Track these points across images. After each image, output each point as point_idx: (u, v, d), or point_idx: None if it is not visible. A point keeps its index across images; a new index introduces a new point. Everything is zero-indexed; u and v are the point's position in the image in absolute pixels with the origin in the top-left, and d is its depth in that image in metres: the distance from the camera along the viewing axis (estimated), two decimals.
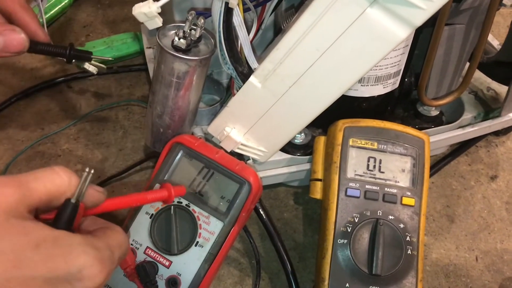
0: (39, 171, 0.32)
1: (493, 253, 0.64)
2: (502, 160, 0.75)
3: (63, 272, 0.29)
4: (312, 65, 0.46)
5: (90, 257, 0.30)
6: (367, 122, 0.58)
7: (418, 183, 0.56)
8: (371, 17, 0.41)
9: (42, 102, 0.79)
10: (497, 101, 0.69)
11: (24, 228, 0.29)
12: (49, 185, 0.32)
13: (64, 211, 0.32)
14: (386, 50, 0.44)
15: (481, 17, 0.57)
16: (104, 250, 0.32)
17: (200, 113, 0.62)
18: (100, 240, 0.33)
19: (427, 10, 0.39)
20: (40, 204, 0.31)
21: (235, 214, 0.52)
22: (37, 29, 0.53)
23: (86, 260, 0.30)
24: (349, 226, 0.54)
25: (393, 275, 0.52)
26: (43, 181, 0.32)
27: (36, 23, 0.53)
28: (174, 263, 0.52)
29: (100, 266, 0.31)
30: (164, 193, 0.45)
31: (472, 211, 0.68)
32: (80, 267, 0.30)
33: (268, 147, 0.56)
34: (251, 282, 0.61)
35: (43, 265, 0.29)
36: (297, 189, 0.70)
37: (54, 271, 0.29)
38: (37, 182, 0.31)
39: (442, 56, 0.61)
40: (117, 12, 0.96)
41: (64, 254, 0.29)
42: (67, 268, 0.29)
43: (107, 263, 0.31)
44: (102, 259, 0.31)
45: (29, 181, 0.31)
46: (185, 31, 0.51)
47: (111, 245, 0.33)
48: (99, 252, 0.31)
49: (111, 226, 0.36)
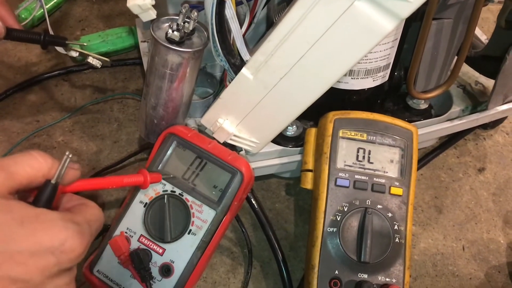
0: (18, 156, 0.34)
1: (479, 243, 0.66)
2: (489, 153, 0.76)
3: (47, 245, 0.31)
4: (302, 56, 0.48)
5: (71, 231, 0.33)
6: (356, 114, 0.59)
7: (406, 173, 0.57)
8: (359, 9, 0.42)
9: (37, 95, 0.80)
10: (485, 95, 0.70)
11: (9, 206, 0.32)
12: (28, 169, 0.34)
13: (44, 191, 0.34)
14: (374, 42, 0.45)
15: (468, 11, 0.59)
16: (83, 224, 0.34)
17: (193, 105, 0.63)
18: (78, 215, 0.35)
19: (413, 2, 0.41)
20: (21, 186, 0.34)
21: (227, 203, 0.53)
22: (14, 24, 0.57)
23: (67, 234, 0.32)
24: (338, 215, 0.55)
25: (381, 263, 0.54)
26: (22, 165, 0.34)
27: (13, 18, 0.57)
28: (168, 250, 0.53)
29: (80, 239, 0.33)
30: (140, 178, 0.48)
31: (460, 202, 0.70)
32: (62, 240, 0.32)
33: (260, 138, 0.58)
34: (243, 270, 0.62)
35: (28, 239, 0.31)
36: (289, 180, 0.71)
37: (38, 245, 0.31)
38: (17, 166, 0.34)
39: (430, 50, 0.62)
40: (112, 7, 0.97)
41: (46, 229, 0.32)
42: (50, 242, 0.32)
43: (86, 236, 0.34)
44: (81, 233, 0.33)
45: (10, 165, 0.33)
46: (178, 24, 0.52)
47: (89, 219, 0.36)
48: (78, 226, 0.34)
49: (86, 202, 0.38)
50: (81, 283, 0.59)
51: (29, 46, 0.88)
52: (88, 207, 0.37)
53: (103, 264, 0.53)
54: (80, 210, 0.36)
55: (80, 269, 0.54)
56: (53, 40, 0.60)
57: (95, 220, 0.36)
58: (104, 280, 0.53)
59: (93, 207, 0.37)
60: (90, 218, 0.36)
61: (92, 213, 0.37)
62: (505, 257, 0.64)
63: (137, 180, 0.48)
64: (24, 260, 0.31)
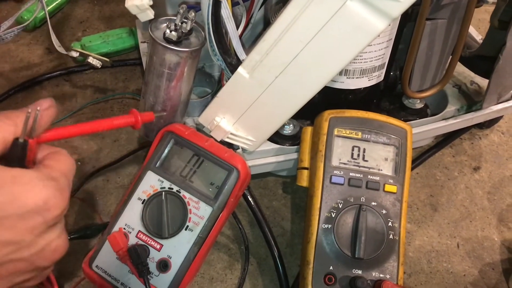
0: None
1: (474, 240, 0.67)
2: (485, 152, 0.77)
3: (32, 206, 0.32)
4: (297, 55, 0.49)
5: (51, 189, 0.33)
6: (351, 113, 0.60)
7: (400, 171, 0.58)
8: (351, 9, 0.44)
9: (39, 94, 0.82)
10: (480, 95, 0.71)
11: None
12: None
13: (14, 150, 0.34)
14: (366, 41, 0.46)
15: (462, 12, 0.59)
16: (60, 178, 0.35)
17: (192, 105, 0.65)
18: (54, 169, 0.35)
19: (403, 2, 0.42)
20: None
21: (224, 199, 0.54)
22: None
23: (48, 192, 0.33)
24: (333, 212, 0.56)
25: (376, 259, 0.55)
26: None
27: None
28: (165, 246, 0.54)
29: (61, 194, 0.34)
30: (131, 119, 0.47)
31: (455, 201, 0.71)
32: (45, 199, 0.33)
33: (257, 136, 0.59)
34: (240, 266, 0.63)
35: (11, 204, 0.32)
36: (286, 178, 0.72)
37: (23, 208, 0.32)
38: None
39: (425, 50, 0.63)
40: (113, 8, 0.98)
41: (28, 191, 0.33)
42: (33, 203, 0.32)
43: (66, 189, 0.35)
44: (61, 188, 0.34)
45: None
46: (176, 24, 0.53)
47: (64, 171, 0.36)
48: (57, 182, 0.34)
49: (58, 150, 0.38)
50: (80, 279, 0.60)
51: (31, 47, 0.89)
52: (61, 155, 0.37)
53: (101, 260, 0.54)
54: (55, 162, 0.36)
55: (79, 264, 0.55)
56: None
57: (69, 170, 0.37)
58: (102, 275, 0.54)
59: (65, 155, 0.38)
60: (65, 169, 0.36)
61: (66, 162, 0.37)
62: (499, 255, 0.65)
63: (128, 120, 0.46)
64: (13, 224, 0.32)
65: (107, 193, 0.69)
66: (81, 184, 0.69)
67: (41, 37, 0.92)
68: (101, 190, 0.69)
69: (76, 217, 0.66)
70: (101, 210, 0.67)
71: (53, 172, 0.35)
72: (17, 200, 0.32)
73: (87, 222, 0.66)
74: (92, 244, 0.55)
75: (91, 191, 0.69)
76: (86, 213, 0.67)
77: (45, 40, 0.91)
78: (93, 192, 0.69)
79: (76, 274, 0.61)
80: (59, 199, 0.34)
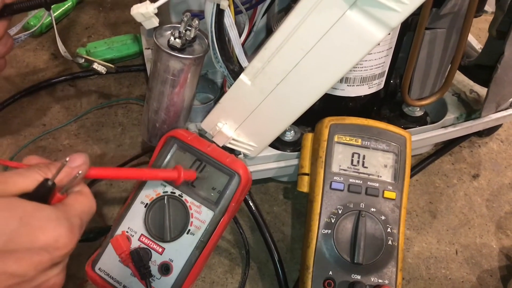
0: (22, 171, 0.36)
1: (472, 247, 0.67)
2: (484, 160, 0.78)
3: (42, 243, 0.34)
4: (298, 63, 0.50)
5: (64, 228, 0.35)
6: (351, 120, 0.61)
7: (400, 178, 0.59)
8: (350, 19, 0.45)
9: (44, 99, 0.83)
10: (479, 103, 0.72)
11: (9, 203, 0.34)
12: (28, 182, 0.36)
13: (40, 189, 0.36)
14: (366, 50, 0.47)
15: (461, 22, 0.61)
16: (75, 218, 0.37)
17: (194, 110, 0.66)
18: (71, 209, 0.37)
19: (401, 12, 0.43)
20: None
21: (225, 204, 0.55)
22: None
23: (61, 231, 0.35)
24: (333, 217, 0.57)
25: (374, 264, 0.55)
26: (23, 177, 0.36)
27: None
28: (167, 249, 0.54)
29: (72, 234, 0.35)
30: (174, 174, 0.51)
31: (454, 208, 0.71)
32: (56, 237, 0.34)
33: (258, 142, 0.60)
34: (241, 271, 0.64)
35: (25, 237, 0.33)
36: (287, 184, 0.73)
37: (34, 243, 0.33)
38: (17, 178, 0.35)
39: (424, 59, 0.64)
40: (118, 15, 1.00)
41: (42, 227, 0.34)
42: (45, 240, 0.34)
43: (77, 230, 0.36)
44: (73, 228, 0.36)
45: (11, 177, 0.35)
46: (180, 32, 0.54)
47: (80, 212, 0.38)
48: (71, 222, 0.36)
49: (82, 190, 0.40)
50: (83, 281, 0.61)
51: (37, 53, 0.91)
52: (83, 196, 0.39)
53: (104, 262, 0.55)
54: (75, 202, 0.38)
55: (82, 267, 0.56)
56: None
57: (87, 212, 0.38)
58: (105, 277, 0.55)
59: (87, 197, 0.39)
60: (82, 211, 0.38)
61: (85, 204, 0.39)
62: (497, 262, 0.66)
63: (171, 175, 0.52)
64: (21, 257, 0.33)
65: (110, 198, 0.70)
66: None
67: (47, 42, 0.93)
68: (104, 195, 0.70)
69: None
70: (105, 214, 0.68)
71: (69, 212, 0.37)
72: (31, 234, 0.33)
73: (91, 226, 0.67)
74: (95, 248, 0.56)
75: (94, 195, 0.69)
76: None
77: (51, 45, 0.92)
78: (97, 196, 0.69)
79: (79, 276, 0.62)
80: (69, 239, 0.35)
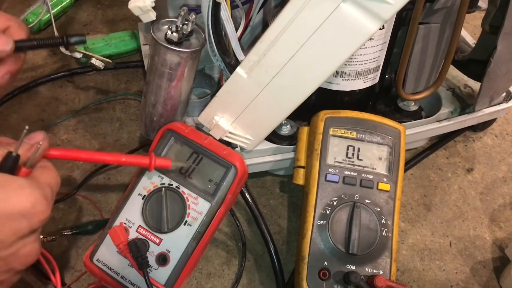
0: None
1: (466, 239, 0.68)
2: (478, 154, 0.79)
3: (19, 209, 0.35)
4: (293, 56, 0.50)
5: (38, 195, 0.36)
6: (346, 113, 0.62)
7: (394, 170, 0.60)
8: (344, 11, 0.45)
9: (43, 95, 0.84)
10: (473, 98, 0.73)
11: None
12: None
13: (6, 162, 0.38)
14: (360, 42, 0.48)
15: (454, 16, 0.61)
16: (46, 188, 0.38)
17: (191, 105, 0.66)
18: (40, 180, 0.38)
19: (394, 5, 0.44)
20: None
21: (221, 195, 0.56)
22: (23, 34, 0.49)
23: (36, 197, 0.36)
24: (328, 209, 0.58)
25: (369, 255, 0.56)
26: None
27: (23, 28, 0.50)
28: (164, 240, 0.55)
29: (46, 201, 0.37)
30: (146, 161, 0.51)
31: (448, 201, 0.72)
32: (33, 203, 0.36)
33: (254, 135, 0.60)
34: (237, 262, 0.64)
35: (2, 204, 0.34)
36: (283, 178, 0.74)
37: (12, 209, 0.35)
38: None
39: (419, 53, 0.65)
40: (116, 12, 1.00)
41: (16, 195, 0.35)
42: (22, 205, 0.35)
43: (50, 198, 0.38)
44: (46, 196, 0.37)
45: None
46: (177, 26, 0.55)
47: (50, 183, 0.39)
48: (43, 190, 0.37)
49: (47, 165, 0.41)
50: (81, 273, 0.62)
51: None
52: (49, 170, 0.40)
53: (102, 253, 0.55)
54: (42, 174, 0.39)
55: (81, 259, 0.56)
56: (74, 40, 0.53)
57: (55, 183, 0.40)
58: (103, 268, 0.55)
59: (51, 170, 0.41)
60: (51, 182, 0.39)
61: (51, 175, 0.40)
62: (490, 253, 0.67)
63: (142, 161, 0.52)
64: (0, 224, 0.34)
65: (108, 191, 0.71)
66: (83, 181, 0.70)
67: None
68: (102, 188, 0.71)
69: (77, 214, 0.68)
70: (102, 207, 0.69)
71: (40, 182, 0.38)
72: (6, 202, 0.34)
73: (89, 219, 0.68)
74: (93, 240, 0.56)
75: (92, 188, 0.71)
76: (88, 210, 0.68)
77: None
78: (95, 190, 0.71)
79: (77, 268, 0.63)
80: (45, 206, 0.37)
